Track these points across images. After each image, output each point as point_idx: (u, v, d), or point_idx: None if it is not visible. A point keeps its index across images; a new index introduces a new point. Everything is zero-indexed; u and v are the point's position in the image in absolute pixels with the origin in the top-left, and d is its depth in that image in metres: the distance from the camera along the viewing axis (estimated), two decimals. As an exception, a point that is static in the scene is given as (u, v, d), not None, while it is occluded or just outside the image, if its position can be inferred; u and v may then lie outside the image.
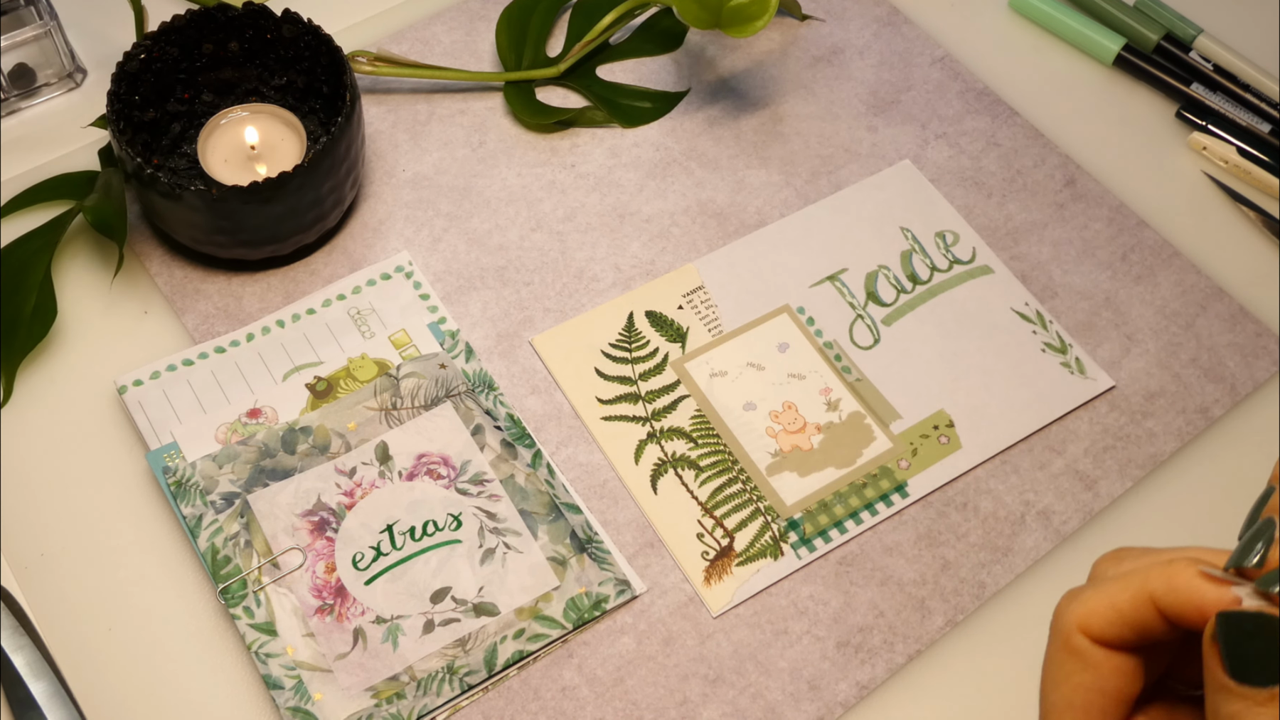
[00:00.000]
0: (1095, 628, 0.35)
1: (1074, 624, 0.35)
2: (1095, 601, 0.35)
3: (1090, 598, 0.35)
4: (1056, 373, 0.63)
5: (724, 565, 0.57)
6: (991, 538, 0.59)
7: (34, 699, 0.52)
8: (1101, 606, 0.35)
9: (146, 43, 0.64)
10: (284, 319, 0.63)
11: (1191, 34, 0.75)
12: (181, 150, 0.67)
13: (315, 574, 0.55)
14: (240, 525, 0.56)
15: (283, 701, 0.52)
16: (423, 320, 0.63)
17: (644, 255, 0.67)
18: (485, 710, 0.54)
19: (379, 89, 0.72)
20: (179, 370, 0.61)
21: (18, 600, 0.55)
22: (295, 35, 0.66)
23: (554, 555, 0.57)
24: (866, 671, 0.55)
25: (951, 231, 0.68)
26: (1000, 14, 0.78)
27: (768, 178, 0.70)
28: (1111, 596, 0.34)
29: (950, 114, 0.73)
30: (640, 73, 0.74)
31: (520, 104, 0.71)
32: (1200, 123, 0.73)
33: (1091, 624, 0.35)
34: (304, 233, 0.64)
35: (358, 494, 0.57)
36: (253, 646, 0.54)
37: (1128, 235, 0.69)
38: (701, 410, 0.61)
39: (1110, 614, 0.34)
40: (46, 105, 0.71)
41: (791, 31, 0.76)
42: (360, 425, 0.59)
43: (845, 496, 0.59)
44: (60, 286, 0.64)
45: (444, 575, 0.56)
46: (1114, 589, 0.35)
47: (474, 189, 0.69)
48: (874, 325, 0.65)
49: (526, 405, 0.61)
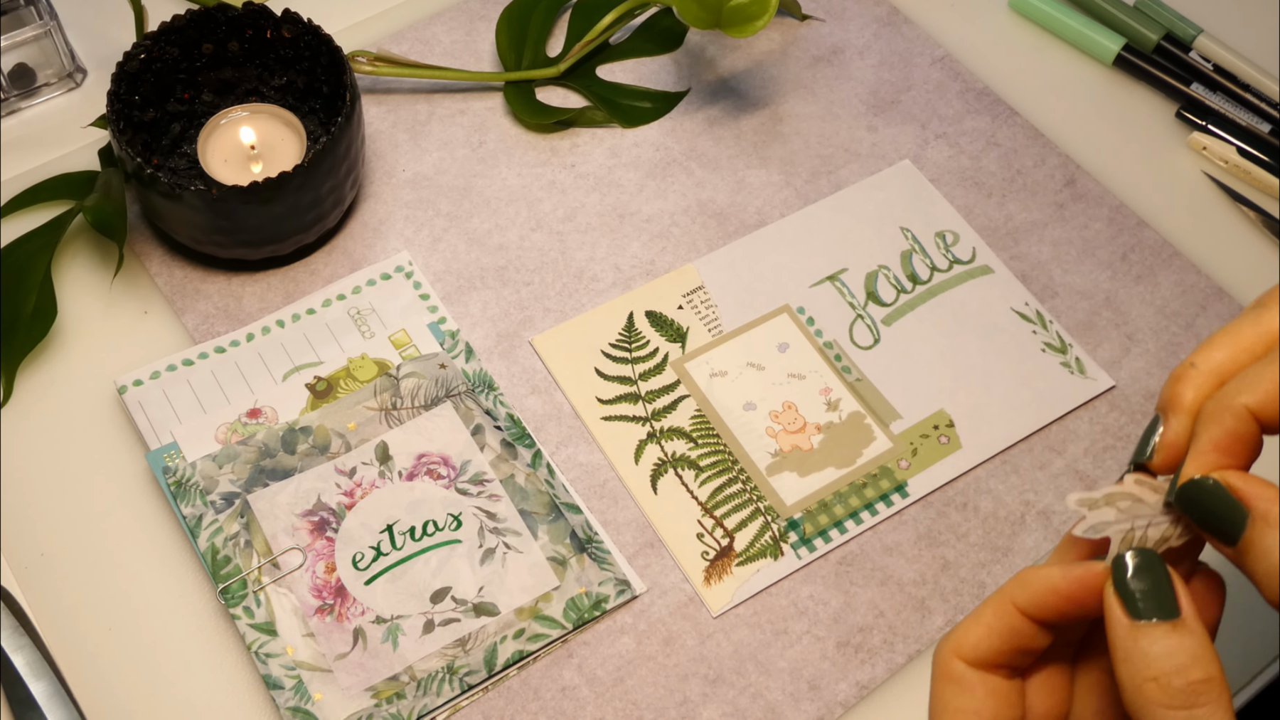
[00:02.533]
0: (968, 647, 0.38)
1: (950, 651, 0.38)
2: (965, 626, 0.38)
3: (961, 625, 0.38)
4: (1056, 373, 0.63)
5: (724, 565, 0.57)
6: (991, 538, 0.59)
7: (34, 699, 0.52)
8: (971, 628, 0.38)
9: (146, 43, 0.64)
10: (284, 319, 0.63)
11: (1191, 34, 0.75)
12: (181, 150, 0.67)
13: (315, 574, 0.55)
14: (240, 525, 0.56)
15: (283, 701, 0.52)
16: (423, 320, 0.63)
17: (644, 255, 0.67)
18: (485, 710, 0.54)
19: (379, 89, 0.72)
20: (179, 370, 0.61)
21: (18, 600, 0.55)
22: (295, 35, 0.66)
23: (554, 555, 0.57)
24: (866, 671, 0.55)
25: (951, 231, 0.68)
26: (1000, 14, 0.78)
27: (768, 178, 0.70)
28: (978, 617, 0.38)
29: (950, 114, 0.73)
30: (640, 73, 0.74)
31: (520, 104, 0.71)
32: (1200, 123, 0.73)
33: (964, 646, 0.38)
34: (304, 233, 0.64)
35: (358, 494, 0.58)
36: (253, 646, 0.54)
37: (1128, 235, 0.69)
38: (701, 410, 0.61)
39: (980, 630, 0.38)
40: (46, 105, 0.71)
41: (791, 31, 0.76)
42: (360, 425, 0.59)
43: (845, 496, 0.59)
44: (60, 286, 0.64)
45: (444, 575, 0.56)
46: (980, 611, 0.38)
47: (474, 189, 0.69)
48: (874, 325, 0.65)
49: (526, 405, 0.61)
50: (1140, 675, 0.33)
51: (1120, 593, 0.34)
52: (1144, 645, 0.34)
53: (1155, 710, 0.33)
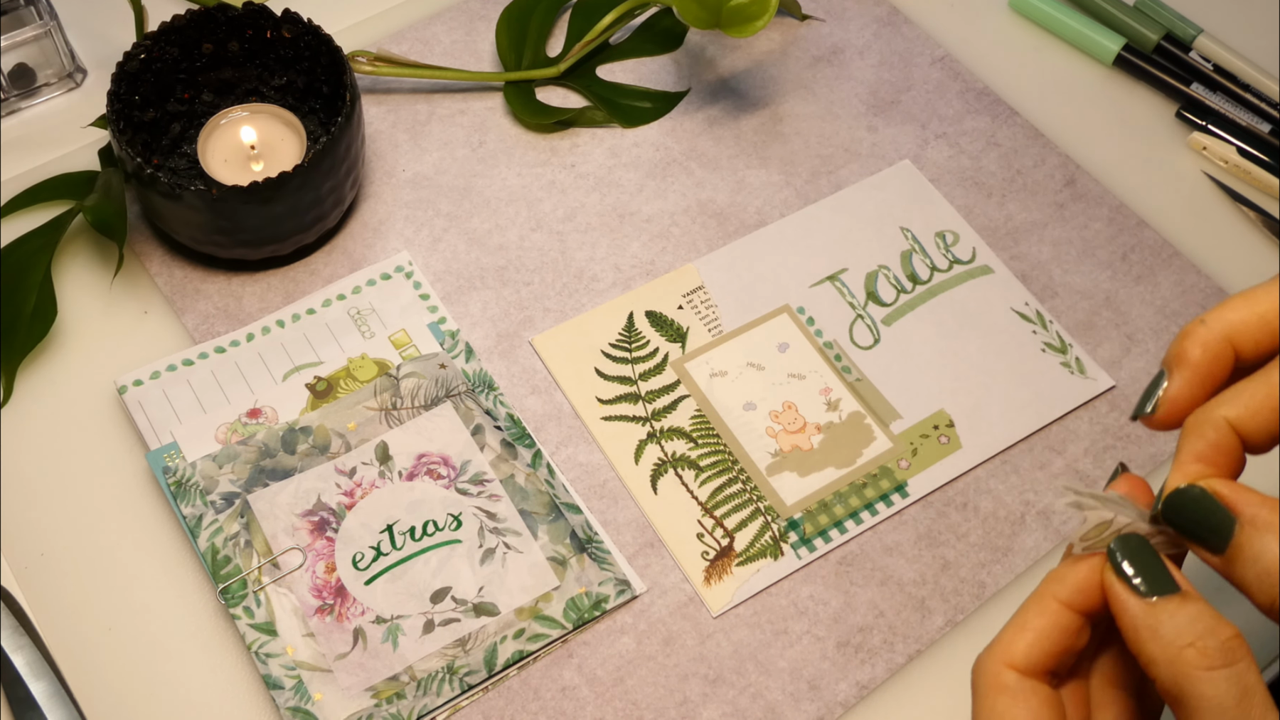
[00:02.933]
0: (1019, 656, 0.37)
1: (1000, 662, 0.37)
2: (1010, 636, 0.37)
3: (1003, 637, 0.38)
4: (1056, 373, 0.63)
5: (724, 565, 0.57)
6: (991, 538, 0.59)
7: (34, 699, 0.52)
8: (1017, 635, 0.37)
9: (146, 43, 0.64)
10: (284, 319, 0.63)
11: (1191, 34, 0.75)
12: (181, 150, 0.67)
13: (315, 574, 0.56)
14: (240, 525, 0.56)
15: (283, 701, 0.52)
16: (423, 320, 0.63)
17: (644, 255, 0.67)
18: (485, 710, 0.54)
19: (379, 89, 0.72)
20: (179, 370, 0.61)
21: (18, 600, 0.56)
22: (295, 35, 0.66)
23: (554, 555, 0.57)
24: (866, 671, 0.55)
25: (951, 231, 0.68)
26: (1000, 14, 0.78)
27: (768, 178, 0.70)
28: (1021, 624, 0.37)
29: (950, 114, 0.73)
30: (640, 73, 0.74)
31: (520, 104, 0.71)
32: (1200, 123, 0.73)
33: (1015, 654, 0.37)
34: (304, 233, 0.64)
35: (358, 494, 0.58)
36: (253, 646, 0.54)
37: (1128, 235, 0.69)
38: (701, 410, 0.61)
39: (1029, 636, 0.37)
40: (46, 105, 0.71)
41: (791, 31, 0.76)
42: (360, 425, 0.59)
43: (845, 496, 0.59)
44: (60, 286, 0.64)
45: (444, 575, 0.56)
46: (1021, 618, 0.38)
47: (474, 189, 0.69)
48: (874, 325, 0.65)
49: (526, 405, 0.61)
50: (1175, 645, 0.34)
51: (1122, 577, 0.35)
52: (1165, 619, 0.34)
53: (1198, 675, 0.33)
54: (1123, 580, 0.35)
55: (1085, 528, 0.36)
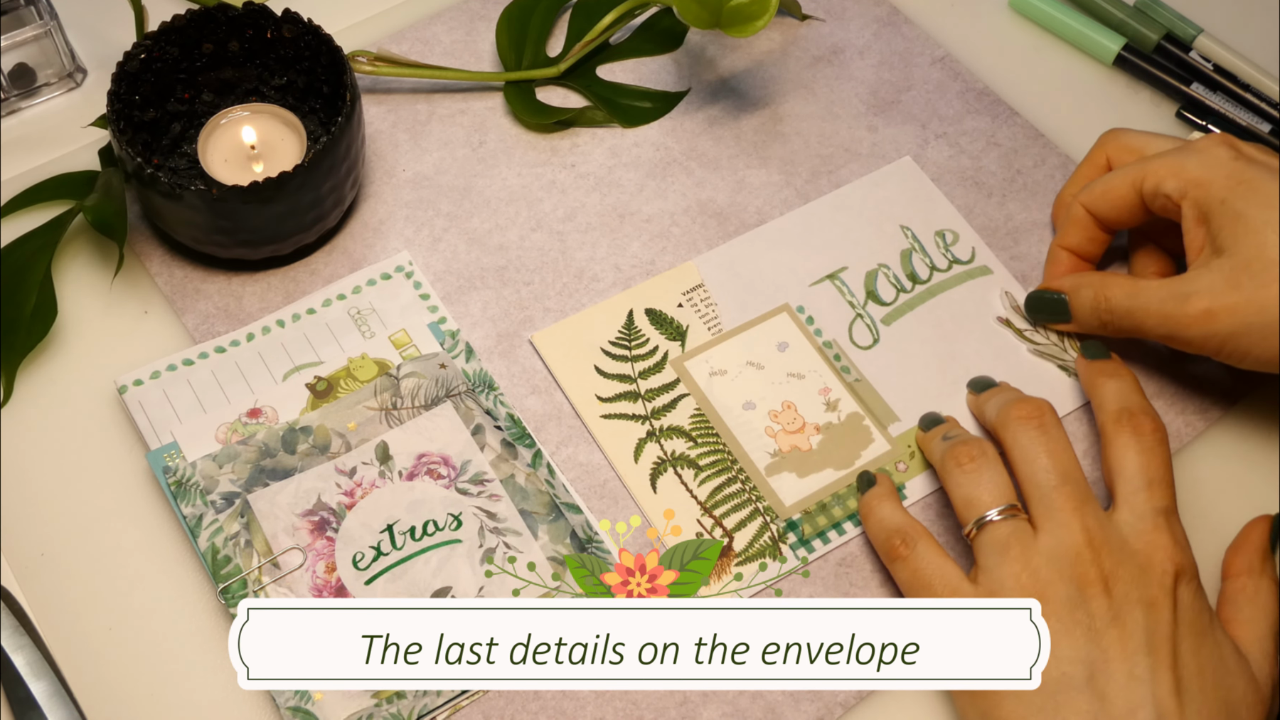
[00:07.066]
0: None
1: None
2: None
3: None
4: (1055, 374, 0.63)
5: (723, 565, 0.57)
6: (991, 538, 0.59)
7: (34, 699, 0.52)
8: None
9: (146, 43, 0.64)
10: (284, 319, 0.63)
11: (1191, 34, 0.75)
12: (181, 150, 0.67)
13: (315, 574, 0.56)
14: (240, 525, 0.56)
15: (283, 701, 0.52)
16: (423, 320, 0.63)
17: (644, 255, 0.67)
18: (485, 710, 0.54)
19: (379, 89, 0.72)
20: (179, 370, 0.61)
21: (18, 600, 0.56)
22: (295, 35, 0.66)
23: (554, 555, 0.57)
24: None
25: (951, 231, 0.68)
26: (1000, 14, 0.78)
27: (768, 177, 0.70)
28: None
29: (950, 114, 0.73)
30: (640, 73, 0.74)
31: (520, 104, 0.71)
32: (1200, 123, 0.73)
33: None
34: (304, 233, 0.64)
35: (358, 494, 0.58)
36: (253, 646, 0.54)
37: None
38: (701, 409, 0.61)
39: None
40: (46, 105, 0.71)
41: (791, 31, 0.76)
42: (360, 425, 0.59)
43: (844, 498, 0.59)
44: (60, 286, 0.64)
45: (444, 575, 0.56)
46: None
47: (474, 189, 0.69)
48: (873, 325, 0.65)
49: (526, 405, 0.62)
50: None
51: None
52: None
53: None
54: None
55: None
